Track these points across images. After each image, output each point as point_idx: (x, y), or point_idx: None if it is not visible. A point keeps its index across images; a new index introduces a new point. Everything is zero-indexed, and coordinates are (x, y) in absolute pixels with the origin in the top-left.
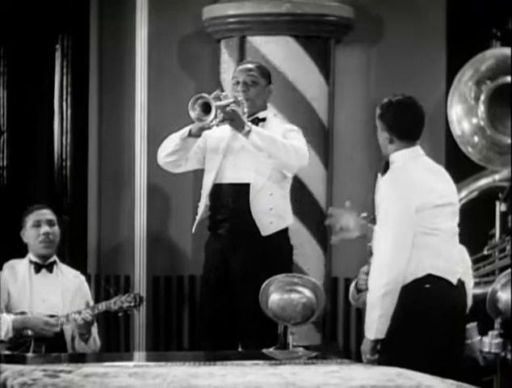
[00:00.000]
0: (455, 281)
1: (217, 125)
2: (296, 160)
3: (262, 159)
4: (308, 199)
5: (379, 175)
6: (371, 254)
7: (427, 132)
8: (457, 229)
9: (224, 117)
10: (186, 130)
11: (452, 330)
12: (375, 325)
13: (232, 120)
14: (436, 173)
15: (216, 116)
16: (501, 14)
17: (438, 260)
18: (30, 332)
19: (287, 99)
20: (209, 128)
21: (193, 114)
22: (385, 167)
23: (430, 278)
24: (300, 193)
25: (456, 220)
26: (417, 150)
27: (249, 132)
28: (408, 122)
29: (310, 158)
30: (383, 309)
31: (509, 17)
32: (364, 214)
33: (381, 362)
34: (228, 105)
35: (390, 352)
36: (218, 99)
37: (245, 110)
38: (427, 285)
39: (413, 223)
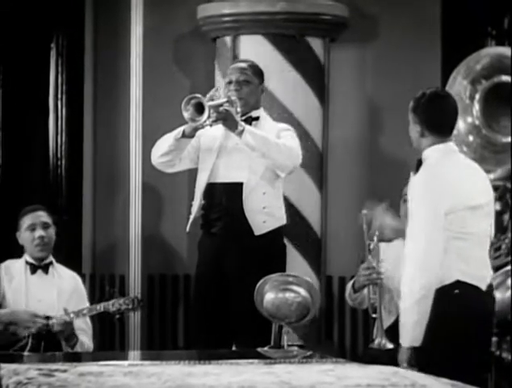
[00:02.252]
0: (484, 287)
1: (210, 125)
2: (289, 160)
3: (254, 158)
4: (302, 223)
5: (411, 173)
6: (369, 251)
7: None
8: (489, 232)
9: (217, 117)
10: (179, 131)
11: (480, 336)
12: (411, 333)
13: (226, 119)
14: (470, 171)
15: (209, 116)
16: (496, 13)
17: (467, 266)
18: (16, 328)
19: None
20: (203, 127)
21: (186, 114)
22: (418, 165)
23: (458, 284)
24: (294, 218)
25: (489, 221)
26: (450, 146)
27: (242, 131)
28: (440, 115)
29: (304, 182)
30: (418, 315)
31: (504, 16)
32: (364, 211)
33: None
34: (221, 105)
35: (425, 361)
36: (212, 99)
37: (239, 109)
38: (456, 291)
39: (443, 227)
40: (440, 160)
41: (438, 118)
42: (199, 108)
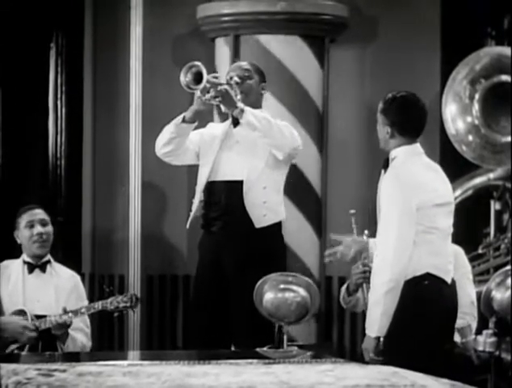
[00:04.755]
0: (449, 280)
1: (208, 100)
2: (290, 140)
3: (255, 155)
4: (304, 186)
5: (382, 171)
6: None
7: None
8: (451, 229)
9: (216, 94)
10: (180, 117)
11: (445, 328)
12: (378, 322)
13: (224, 98)
14: (435, 172)
15: (207, 91)
16: (496, 13)
17: (436, 259)
18: (6, 336)
19: (286, 88)
20: (203, 129)
21: (184, 80)
22: (385, 164)
23: (427, 277)
24: (296, 181)
25: (451, 219)
26: (417, 148)
27: (242, 111)
28: (410, 118)
29: (306, 145)
30: (385, 307)
31: (504, 16)
32: (353, 211)
33: (386, 361)
34: (221, 84)
35: (392, 350)
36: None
37: (238, 97)
38: (426, 282)
39: (414, 221)
40: (408, 159)
41: (407, 121)
42: (198, 78)
